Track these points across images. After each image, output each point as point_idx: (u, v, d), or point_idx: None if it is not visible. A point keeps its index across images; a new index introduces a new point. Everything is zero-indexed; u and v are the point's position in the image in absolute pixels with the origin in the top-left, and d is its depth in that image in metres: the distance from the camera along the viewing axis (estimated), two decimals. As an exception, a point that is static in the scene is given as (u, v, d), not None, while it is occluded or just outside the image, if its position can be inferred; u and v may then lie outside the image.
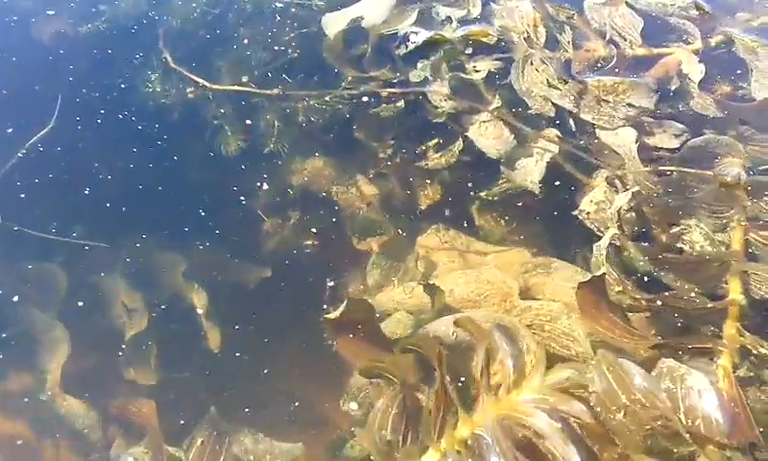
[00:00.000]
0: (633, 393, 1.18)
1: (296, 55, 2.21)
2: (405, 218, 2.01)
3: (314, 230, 1.96)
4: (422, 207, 1.97)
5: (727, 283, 1.37)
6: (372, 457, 1.25)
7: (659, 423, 1.14)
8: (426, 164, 1.97)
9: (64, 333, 1.55)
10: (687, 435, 1.11)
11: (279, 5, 2.36)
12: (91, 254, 1.74)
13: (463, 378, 1.30)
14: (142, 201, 1.86)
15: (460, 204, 2.00)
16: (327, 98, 2.04)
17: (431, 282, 1.65)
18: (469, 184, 1.97)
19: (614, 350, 1.29)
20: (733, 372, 1.23)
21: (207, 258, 1.80)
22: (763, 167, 1.62)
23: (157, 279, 1.74)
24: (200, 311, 1.68)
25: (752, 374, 1.23)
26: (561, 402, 1.19)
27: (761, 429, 1.18)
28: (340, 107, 2.06)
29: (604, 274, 1.37)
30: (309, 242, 1.93)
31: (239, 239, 1.87)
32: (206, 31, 2.29)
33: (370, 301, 1.58)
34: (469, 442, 1.21)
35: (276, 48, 2.23)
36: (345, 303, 1.52)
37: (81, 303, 1.64)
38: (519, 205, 1.87)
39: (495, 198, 1.88)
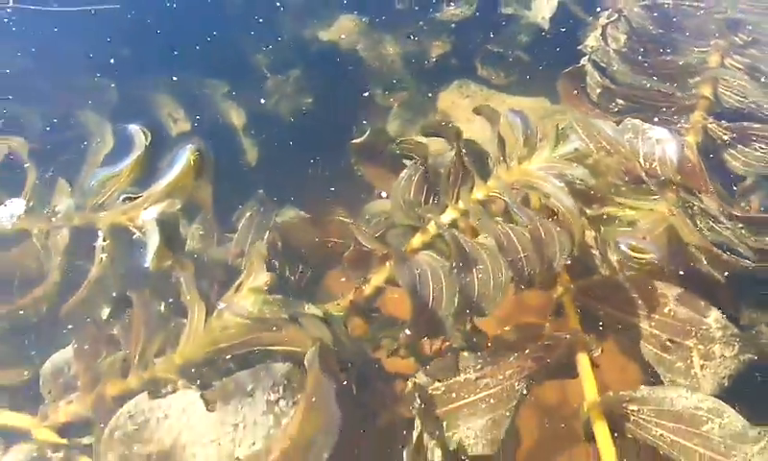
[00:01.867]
0: (600, 142, 1.42)
1: None
2: (423, 71, 2.19)
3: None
4: (434, 59, 2.17)
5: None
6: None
7: (622, 168, 1.39)
8: (440, 16, 2.16)
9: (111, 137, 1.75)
10: (645, 174, 1.36)
11: None
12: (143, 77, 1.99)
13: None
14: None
15: (475, 55, 2.19)
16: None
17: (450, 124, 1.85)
18: (481, 36, 2.18)
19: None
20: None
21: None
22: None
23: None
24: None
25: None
26: (566, 168, 1.39)
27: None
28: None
29: (583, 65, 1.62)
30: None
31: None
32: None
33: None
34: (484, 201, 1.42)
35: None
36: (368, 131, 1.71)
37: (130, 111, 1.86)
38: (533, 51, 2.06)
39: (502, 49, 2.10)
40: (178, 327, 1.30)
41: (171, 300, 1.36)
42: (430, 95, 2.17)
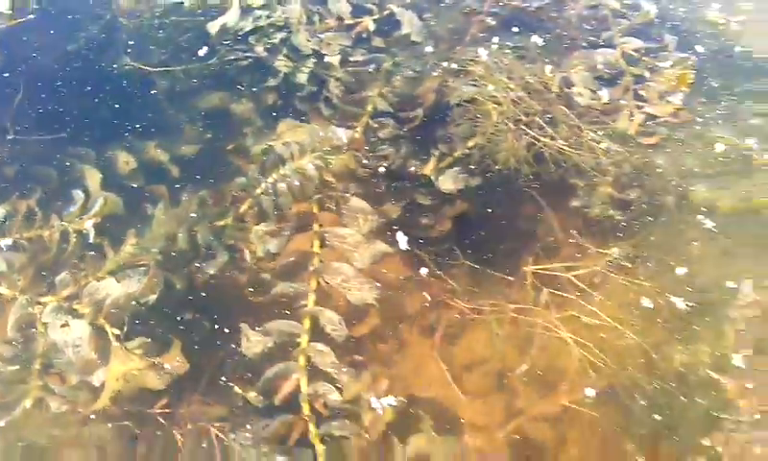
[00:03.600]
0: (320, 134, 3.68)
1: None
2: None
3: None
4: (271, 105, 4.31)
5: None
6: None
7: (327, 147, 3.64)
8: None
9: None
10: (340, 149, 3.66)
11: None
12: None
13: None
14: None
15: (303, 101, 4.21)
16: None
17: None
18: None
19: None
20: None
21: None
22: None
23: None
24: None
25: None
26: (316, 160, 3.59)
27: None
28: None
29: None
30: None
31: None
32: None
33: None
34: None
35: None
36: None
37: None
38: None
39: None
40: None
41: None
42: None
